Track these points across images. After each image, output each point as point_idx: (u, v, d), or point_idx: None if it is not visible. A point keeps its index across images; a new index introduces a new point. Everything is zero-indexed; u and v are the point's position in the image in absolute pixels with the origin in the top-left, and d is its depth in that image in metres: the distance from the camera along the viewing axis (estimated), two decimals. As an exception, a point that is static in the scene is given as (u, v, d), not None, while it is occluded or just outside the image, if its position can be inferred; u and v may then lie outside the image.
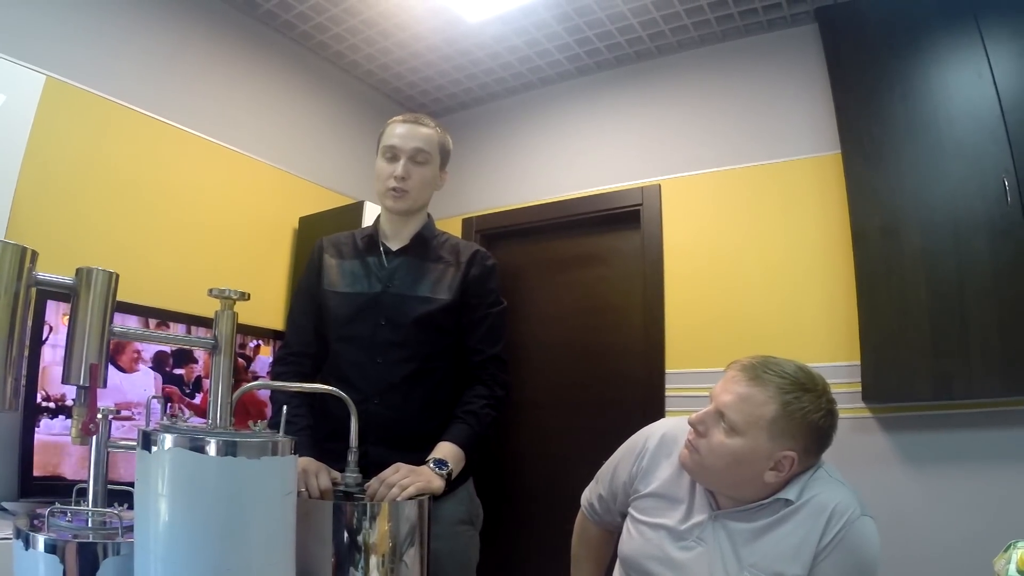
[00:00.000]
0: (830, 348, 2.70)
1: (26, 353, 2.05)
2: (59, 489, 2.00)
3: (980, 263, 2.31)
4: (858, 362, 2.53)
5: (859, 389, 2.50)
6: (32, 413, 2.18)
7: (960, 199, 2.38)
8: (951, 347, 2.33)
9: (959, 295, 2.33)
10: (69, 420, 0.95)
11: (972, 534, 2.32)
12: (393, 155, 1.83)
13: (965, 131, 2.40)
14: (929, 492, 2.49)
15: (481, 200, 3.87)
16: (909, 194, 2.48)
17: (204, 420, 0.97)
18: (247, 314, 1.24)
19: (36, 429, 2.18)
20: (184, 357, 2.54)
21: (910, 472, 2.54)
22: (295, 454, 0.97)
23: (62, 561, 0.94)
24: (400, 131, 1.84)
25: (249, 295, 0.98)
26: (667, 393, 3.05)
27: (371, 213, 2.97)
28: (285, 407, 1.14)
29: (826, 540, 1.30)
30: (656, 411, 3.00)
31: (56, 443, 2.21)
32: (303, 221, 3.38)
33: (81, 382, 0.88)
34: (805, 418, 1.29)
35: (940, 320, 2.36)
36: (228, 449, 0.86)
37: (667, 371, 3.08)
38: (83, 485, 1.08)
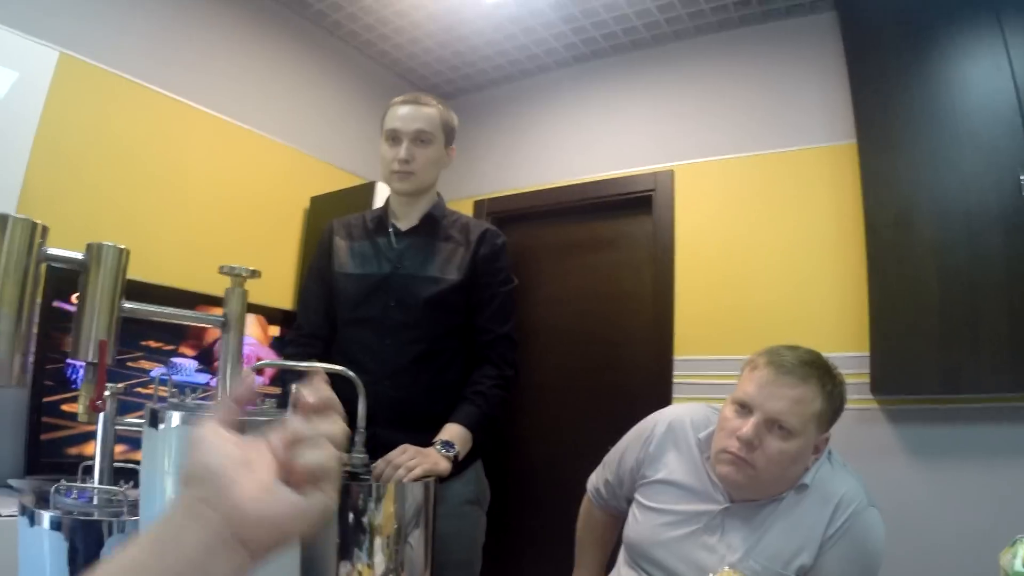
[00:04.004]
0: (839, 338, 2.68)
1: (35, 330, 2.05)
2: (66, 467, 2.02)
3: (993, 257, 2.29)
4: (867, 353, 2.52)
5: (867, 380, 2.50)
6: (40, 391, 2.19)
7: (975, 193, 2.35)
8: (961, 341, 2.32)
9: (970, 289, 2.32)
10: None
11: (977, 529, 2.31)
12: (396, 138, 1.81)
13: (982, 124, 2.37)
14: (935, 485, 2.48)
15: (493, 182, 3.85)
16: (923, 186, 2.46)
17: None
18: (257, 294, 1.23)
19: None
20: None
21: (916, 465, 2.53)
22: (302, 434, 0.97)
23: (67, 538, 0.94)
24: (401, 113, 1.81)
25: (260, 272, 0.97)
26: (675, 380, 3.05)
27: (383, 193, 2.96)
28: (294, 386, 1.13)
29: (832, 529, 1.30)
30: (664, 397, 3.00)
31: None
32: (314, 201, 3.37)
33: (90, 358, 0.87)
34: (841, 399, 1.35)
35: (951, 313, 2.34)
36: (236, 427, 0.86)
37: (675, 358, 3.07)
38: (89, 463, 1.08)
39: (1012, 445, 2.38)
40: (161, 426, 0.86)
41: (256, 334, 2.84)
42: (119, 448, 1.11)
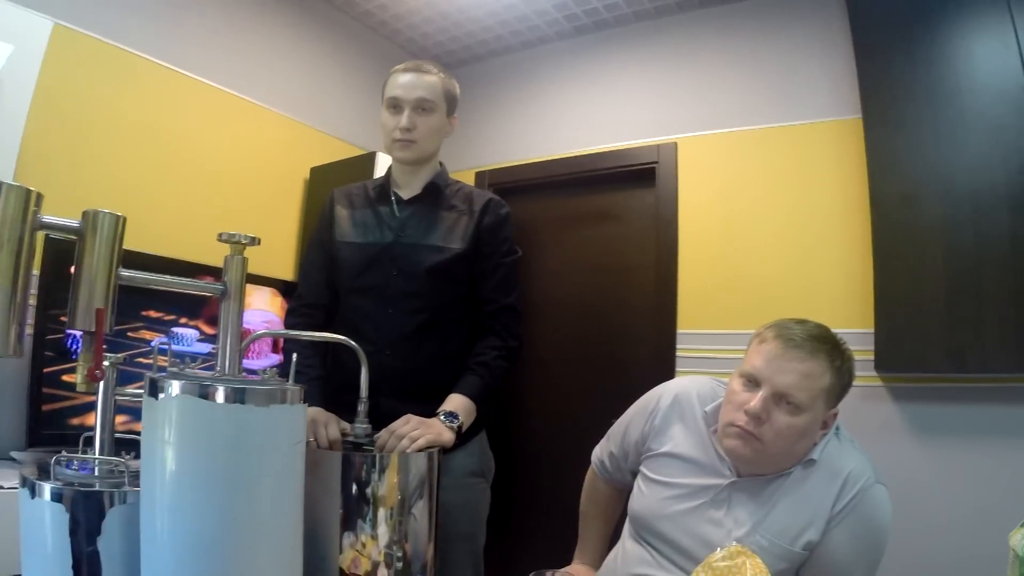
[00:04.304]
0: (844, 314, 2.67)
1: (33, 300, 2.03)
2: (69, 439, 2.01)
3: (999, 236, 2.27)
4: (871, 329, 2.50)
5: (871, 357, 2.48)
6: (40, 362, 2.18)
7: (981, 171, 2.33)
8: (966, 319, 2.30)
9: (976, 267, 2.30)
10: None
11: (982, 509, 2.32)
12: (397, 106, 1.78)
13: (989, 102, 2.34)
14: (939, 464, 2.47)
15: (495, 154, 3.82)
16: (930, 163, 2.43)
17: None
18: (257, 264, 1.22)
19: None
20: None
21: (920, 443, 2.52)
22: (304, 403, 0.96)
23: (68, 510, 0.93)
24: (403, 81, 1.79)
25: (259, 240, 0.95)
26: (678, 353, 3.04)
27: (383, 164, 2.94)
28: (295, 356, 1.12)
29: (840, 505, 1.30)
30: (667, 371, 3.00)
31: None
32: (314, 171, 3.35)
33: (87, 327, 0.86)
34: (849, 374, 1.34)
35: (956, 292, 2.33)
36: (236, 396, 0.84)
37: (678, 331, 3.06)
38: (90, 434, 1.07)
39: (1017, 425, 2.36)
40: (161, 396, 0.84)
41: (274, 309, 2.84)
42: (121, 419, 1.10)
